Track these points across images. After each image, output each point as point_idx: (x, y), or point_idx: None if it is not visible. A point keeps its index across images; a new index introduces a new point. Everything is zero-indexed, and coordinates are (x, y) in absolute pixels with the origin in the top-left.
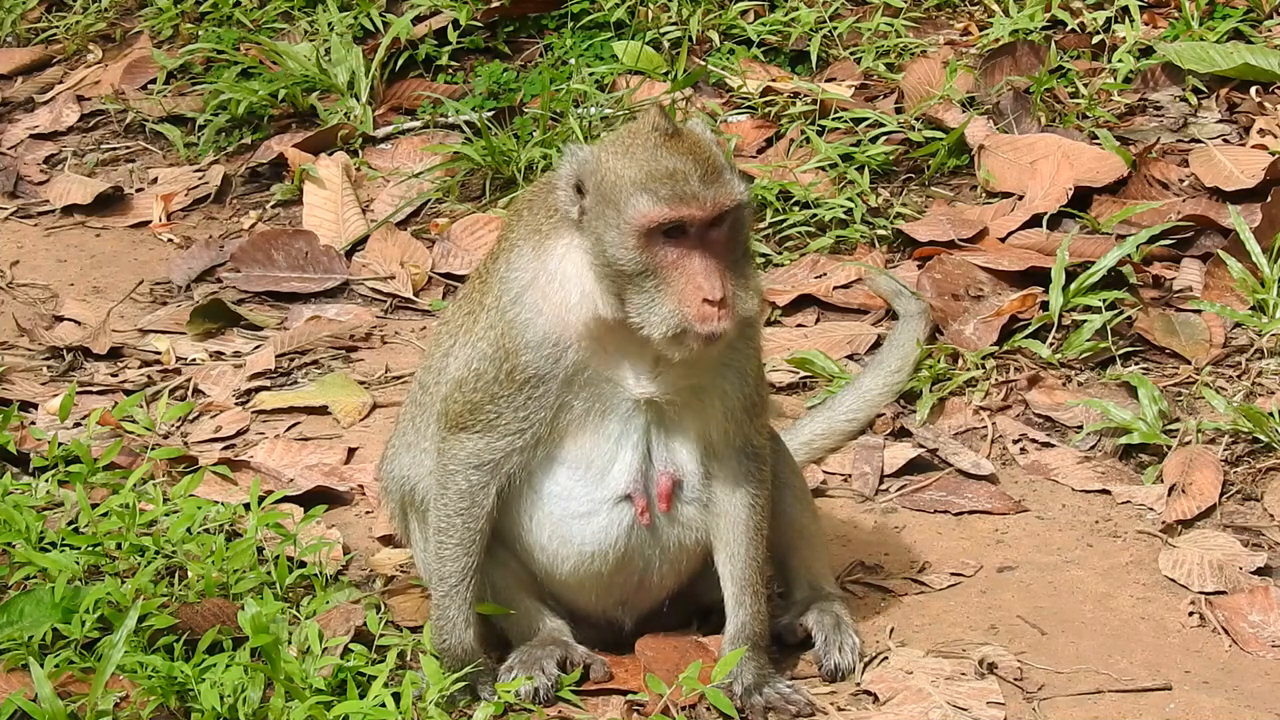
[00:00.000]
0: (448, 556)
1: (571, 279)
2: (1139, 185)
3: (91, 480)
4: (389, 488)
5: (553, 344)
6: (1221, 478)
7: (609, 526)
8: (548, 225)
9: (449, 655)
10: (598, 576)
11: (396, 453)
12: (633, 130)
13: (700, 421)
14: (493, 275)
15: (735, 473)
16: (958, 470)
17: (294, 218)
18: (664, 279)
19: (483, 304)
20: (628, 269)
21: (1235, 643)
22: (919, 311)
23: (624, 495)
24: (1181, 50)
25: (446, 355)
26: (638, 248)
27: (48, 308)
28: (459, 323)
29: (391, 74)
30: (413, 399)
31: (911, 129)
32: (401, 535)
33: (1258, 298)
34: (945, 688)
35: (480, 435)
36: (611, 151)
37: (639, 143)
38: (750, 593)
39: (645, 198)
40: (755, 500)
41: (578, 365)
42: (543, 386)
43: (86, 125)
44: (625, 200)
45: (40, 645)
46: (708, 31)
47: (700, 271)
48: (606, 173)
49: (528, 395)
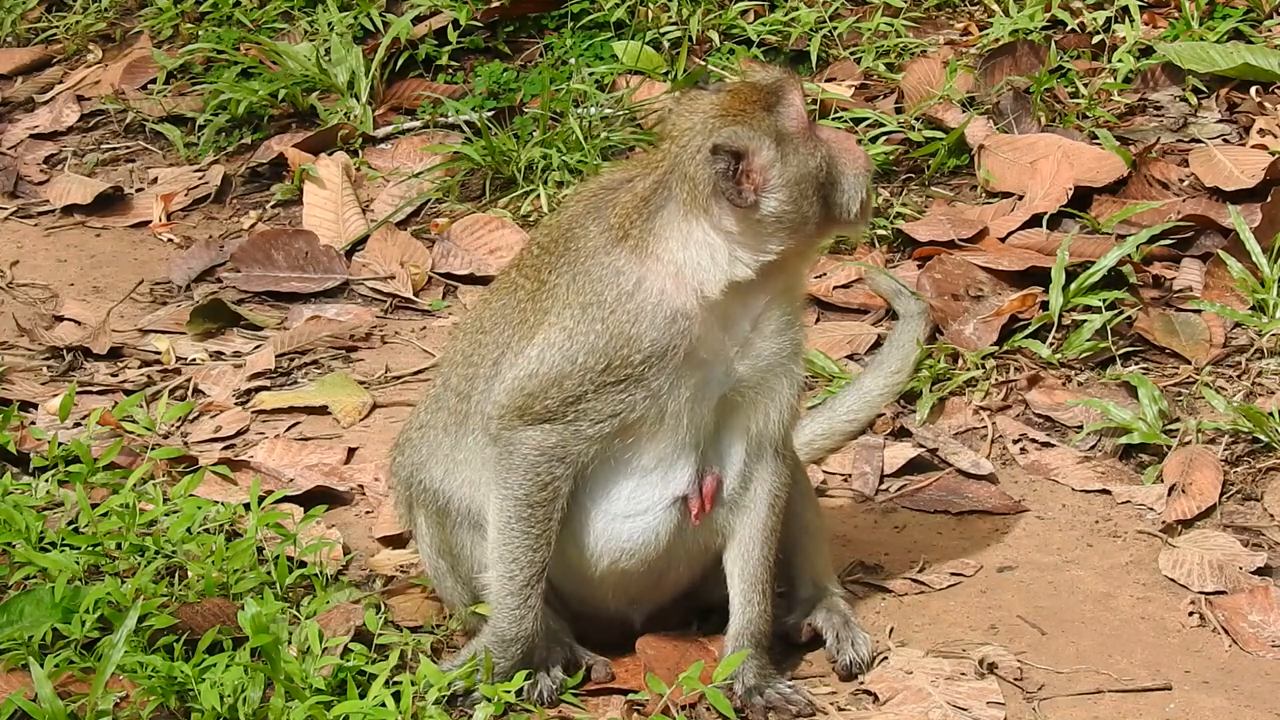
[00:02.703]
0: (525, 547)
1: (703, 262)
2: (1139, 185)
3: (91, 480)
4: (403, 479)
5: (684, 316)
6: (1221, 478)
7: (658, 527)
8: (637, 228)
9: (513, 645)
10: (623, 574)
11: (423, 460)
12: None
13: (759, 413)
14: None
15: (764, 472)
16: (958, 470)
17: (294, 218)
18: (836, 154)
19: (569, 304)
20: (825, 168)
21: (1235, 643)
22: (919, 311)
23: (680, 496)
24: (1181, 50)
25: (509, 361)
26: (817, 145)
27: (48, 308)
28: (523, 329)
29: (391, 74)
30: (442, 404)
31: (911, 129)
32: (407, 530)
33: (1258, 298)
34: (945, 688)
35: (566, 424)
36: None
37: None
38: (759, 592)
39: (785, 105)
40: (777, 500)
41: (698, 340)
42: (661, 363)
43: (86, 125)
44: (785, 123)
45: (40, 645)
46: (708, 31)
47: (835, 131)
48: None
49: (639, 378)
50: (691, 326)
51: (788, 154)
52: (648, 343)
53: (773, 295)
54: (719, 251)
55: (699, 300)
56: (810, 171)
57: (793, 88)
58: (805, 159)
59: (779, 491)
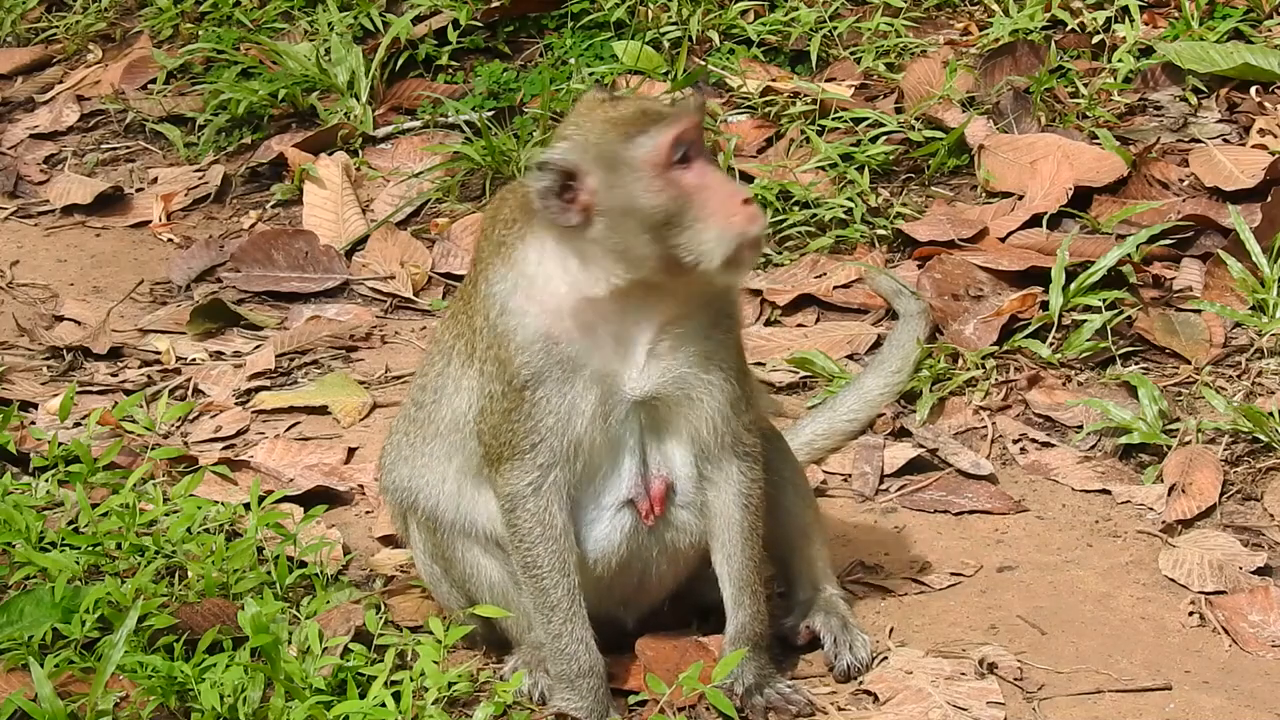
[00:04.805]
0: (549, 586)
1: (555, 275)
2: (1139, 185)
3: (91, 480)
4: (389, 489)
5: (544, 338)
6: (1221, 478)
7: (611, 532)
8: (511, 236)
9: (582, 679)
10: (598, 580)
11: (394, 463)
12: (582, 112)
13: (691, 420)
14: (475, 299)
15: (728, 473)
16: (958, 470)
17: (294, 218)
18: (698, 204)
19: (473, 327)
20: (665, 211)
21: (1235, 643)
22: (919, 311)
23: (626, 500)
24: (1181, 50)
25: (453, 389)
26: (664, 187)
27: (48, 308)
28: (456, 353)
29: (391, 74)
30: (406, 415)
31: (911, 129)
32: (402, 536)
33: (1258, 298)
34: (945, 688)
35: (517, 460)
36: (583, 133)
37: (599, 112)
38: (749, 593)
39: (644, 137)
40: (749, 500)
41: (573, 360)
42: (542, 388)
43: (86, 125)
44: (630, 153)
45: (40, 645)
46: (708, 31)
47: (721, 181)
48: (596, 147)
49: (533, 402)
50: (560, 347)
51: (616, 184)
52: (519, 364)
53: (667, 317)
54: (570, 266)
55: (559, 318)
56: (640, 208)
57: (673, 122)
58: (638, 195)
59: (748, 491)
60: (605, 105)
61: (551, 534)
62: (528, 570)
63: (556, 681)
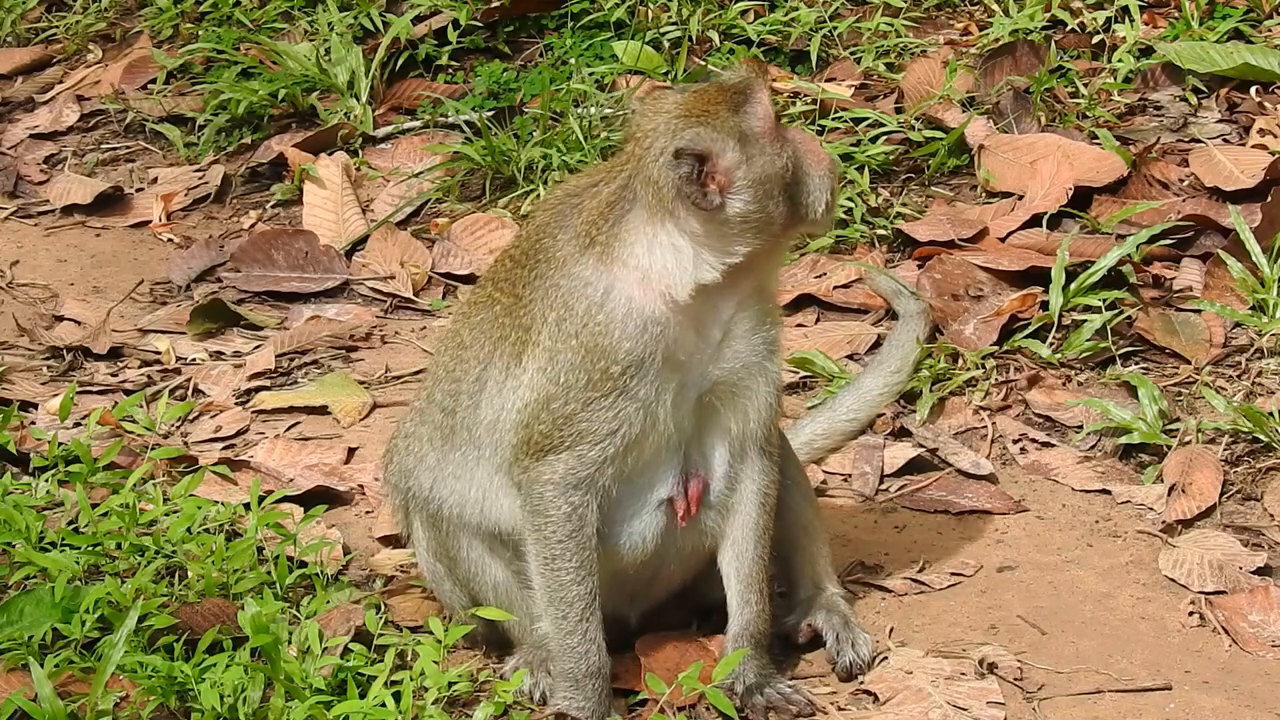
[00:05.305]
0: (568, 582)
1: (668, 264)
2: (1139, 185)
3: (91, 480)
4: (395, 485)
5: (655, 323)
6: (1221, 478)
7: (644, 530)
8: (603, 234)
9: (589, 679)
10: (614, 575)
11: (410, 467)
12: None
13: (738, 413)
14: (539, 301)
15: (751, 471)
16: (958, 470)
17: (294, 218)
18: (802, 155)
19: (530, 325)
20: (788, 169)
21: (1235, 643)
22: (919, 311)
23: (665, 499)
24: (1181, 50)
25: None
26: (783, 146)
27: (48, 308)
28: (499, 354)
29: (391, 74)
30: (427, 418)
31: (911, 129)
32: (404, 534)
33: (1258, 298)
34: (945, 688)
35: (569, 451)
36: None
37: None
38: (756, 591)
39: (751, 105)
40: (767, 499)
41: (674, 344)
42: (641, 372)
43: (86, 125)
44: (749, 123)
45: (40, 645)
46: (708, 31)
47: (802, 132)
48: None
49: (622, 389)
50: (665, 332)
51: (752, 155)
52: (623, 353)
53: (743, 296)
54: (684, 255)
55: (668, 305)
56: (776, 172)
57: (760, 87)
58: (771, 159)
59: (768, 490)
60: (683, 95)
61: (585, 531)
62: (550, 564)
63: (560, 680)
